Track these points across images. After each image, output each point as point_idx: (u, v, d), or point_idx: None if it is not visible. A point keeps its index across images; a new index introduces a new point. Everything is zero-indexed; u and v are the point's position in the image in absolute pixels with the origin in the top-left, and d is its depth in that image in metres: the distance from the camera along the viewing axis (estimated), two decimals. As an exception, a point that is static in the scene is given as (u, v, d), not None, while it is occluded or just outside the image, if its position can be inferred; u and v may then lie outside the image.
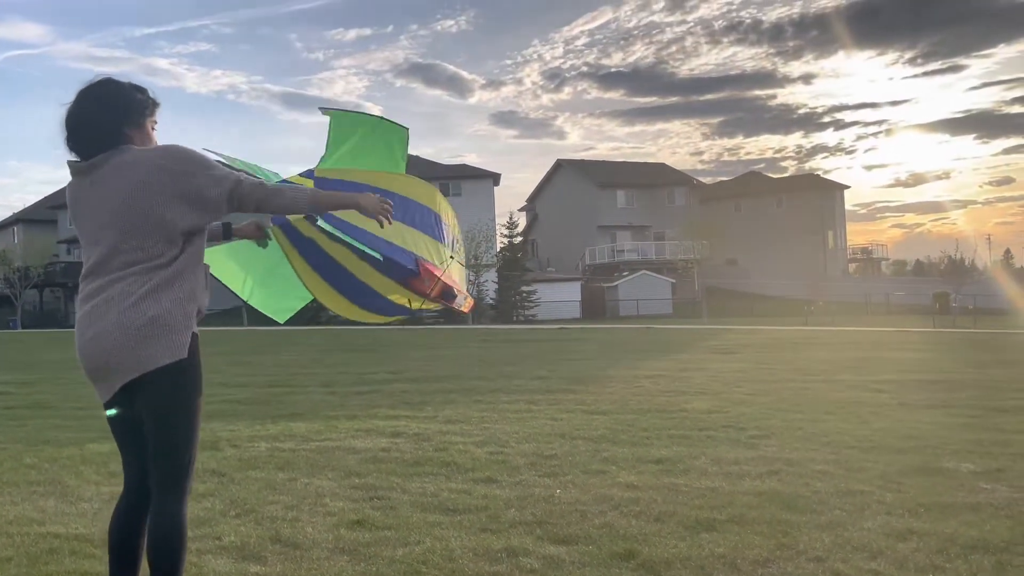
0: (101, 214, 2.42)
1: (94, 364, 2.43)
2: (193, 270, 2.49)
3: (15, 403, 9.63)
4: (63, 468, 5.57)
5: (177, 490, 2.48)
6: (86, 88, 2.53)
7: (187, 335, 2.44)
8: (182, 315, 2.43)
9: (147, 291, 2.37)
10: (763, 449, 6.00)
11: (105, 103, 2.49)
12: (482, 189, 52.54)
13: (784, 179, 67.69)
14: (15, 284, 48.93)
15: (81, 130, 2.47)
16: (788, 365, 13.52)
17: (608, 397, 9.32)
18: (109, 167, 2.42)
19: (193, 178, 2.41)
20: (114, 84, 2.56)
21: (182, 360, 2.43)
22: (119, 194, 2.39)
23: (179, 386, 2.46)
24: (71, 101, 2.52)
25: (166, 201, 2.38)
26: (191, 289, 2.46)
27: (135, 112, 2.54)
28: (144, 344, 2.36)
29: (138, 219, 2.38)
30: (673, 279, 51.29)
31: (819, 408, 8.19)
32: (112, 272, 2.41)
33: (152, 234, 2.39)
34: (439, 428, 7.17)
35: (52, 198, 62.07)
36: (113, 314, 2.37)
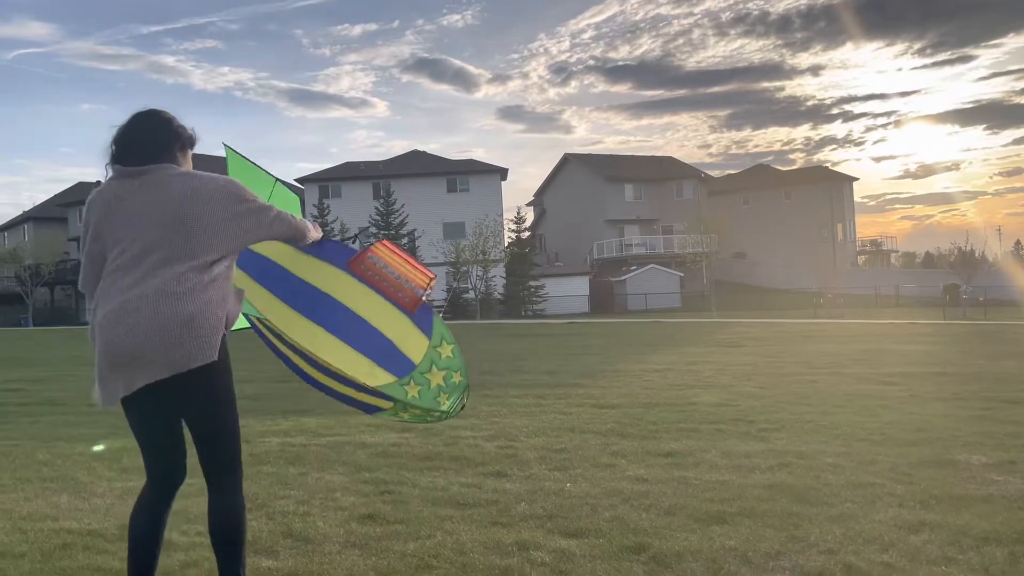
0: (148, 213, 2.53)
1: (122, 358, 2.47)
2: (227, 279, 2.64)
3: (28, 400, 9.69)
4: (76, 464, 5.60)
5: (233, 474, 2.67)
6: (141, 111, 2.72)
7: (218, 338, 2.53)
8: (215, 318, 2.52)
9: (184, 291, 2.46)
10: (773, 442, 5.99)
11: (160, 124, 2.69)
12: (489, 184, 52.49)
13: (793, 172, 67.48)
14: (26, 282, 49.19)
15: (136, 144, 2.63)
16: (797, 358, 13.48)
17: (617, 391, 9.31)
18: (163, 173, 2.58)
19: (246, 203, 2.63)
20: (167, 113, 2.76)
21: (216, 362, 2.53)
22: (176, 197, 2.54)
23: (212, 383, 2.57)
24: (124, 122, 2.70)
25: (220, 215, 2.56)
26: (223, 297, 2.58)
27: (184, 139, 2.75)
28: (179, 344, 2.44)
29: (191, 223, 2.52)
30: (681, 273, 51.18)
31: (829, 401, 8.17)
32: (149, 268, 2.49)
33: (199, 240, 2.52)
34: (449, 423, 7.16)
35: (62, 196, 62.40)
36: (148, 310, 2.43)
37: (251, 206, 2.65)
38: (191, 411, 2.61)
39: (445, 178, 51.47)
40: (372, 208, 47.26)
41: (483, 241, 46.14)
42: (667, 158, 66.26)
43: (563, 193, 63.98)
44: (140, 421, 2.68)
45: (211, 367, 2.51)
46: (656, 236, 57.23)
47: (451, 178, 51.71)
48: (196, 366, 2.47)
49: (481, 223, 46.94)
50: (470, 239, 46.76)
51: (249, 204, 2.65)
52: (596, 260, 56.58)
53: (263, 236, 2.73)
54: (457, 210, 50.77)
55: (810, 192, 60.14)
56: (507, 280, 48.46)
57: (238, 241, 2.64)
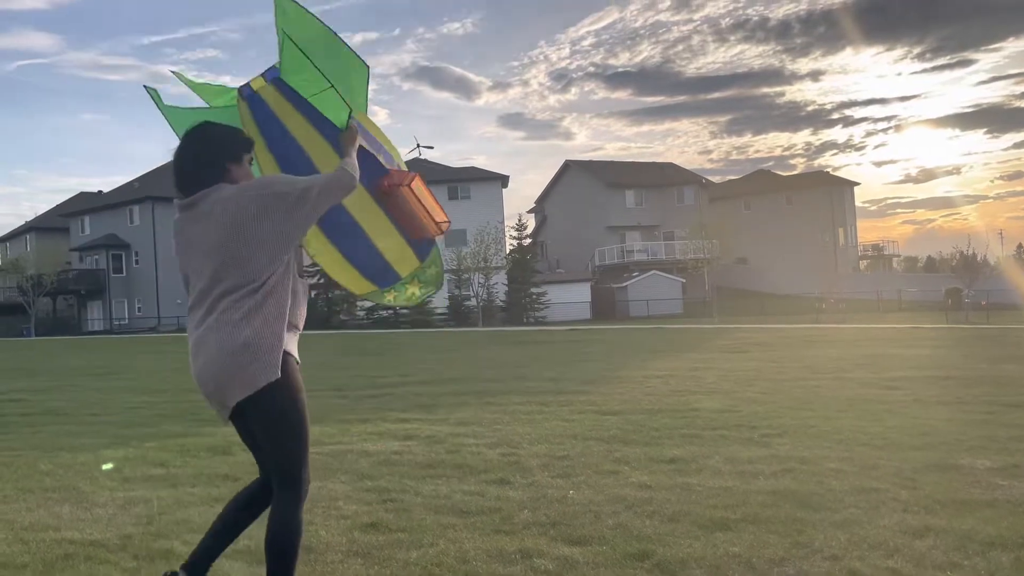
0: (203, 246, 2.66)
1: (207, 391, 2.70)
2: (282, 290, 2.68)
3: (30, 410, 9.69)
4: (78, 474, 5.59)
5: (293, 492, 2.71)
6: (189, 132, 2.79)
7: (278, 354, 2.61)
8: (272, 336, 2.61)
9: (240, 317, 2.60)
10: (776, 448, 5.97)
11: (204, 147, 2.74)
12: (490, 191, 52.58)
13: (793, 177, 67.51)
14: (28, 292, 49.24)
15: (185, 173, 2.74)
16: (800, 363, 13.46)
17: (619, 397, 9.30)
18: (208, 203, 2.66)
19: (278, 187, 2.67)
20: (214, 126, 2.80)
21: (278, 380, 2.62)
22: (220, 227, 2.62)
23: (278, 402, 2.65)
24: (181, 139, 2.79)
25: (260, 225, 2.61)
26: (280, 308, 2.65)
27: (233, 151, 2.77)
28: (242, 370, 2.58)
29: (237, 247, 2.61)
30: (683, 279, 51.16)
31: (832, 406, 8.15)
32: (213, 301, 2.65)
33: (247, 262, 2.61)
34: (451, 430, 7.17)
35: (63, 206, 62.50)
36: (214, 343, 2.62)
37: (289, 208, 2.64)
38: (259, 427, 2.72)
39: (446, 185, 51.52)
40: (373, 216, 47.21)
41: (484, 248, 46.19)
42: (668, 164, 66.36)
43: (564, 200, 64.03)
44: (241, 437, 2.92)
45: (275, 389, 2.62)
46: (657, 242, 57.24)
47: (452, 185, 51.78)
48: (261, 385, 2.60)
49: (482, 230, 46.98)
50: (472, 246, 46.79)
51: (288, 207, 2.64)
52: (598, 267, 56.58)
53: (311, 223, 2.76)
54: (458, 217, 50.65)
55: (811, 197, 60.15)
56: (509, 287, 48.47)
57: (285, 244, 2.68)
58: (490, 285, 47.14)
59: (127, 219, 53.04)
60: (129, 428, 7.90)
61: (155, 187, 52.51)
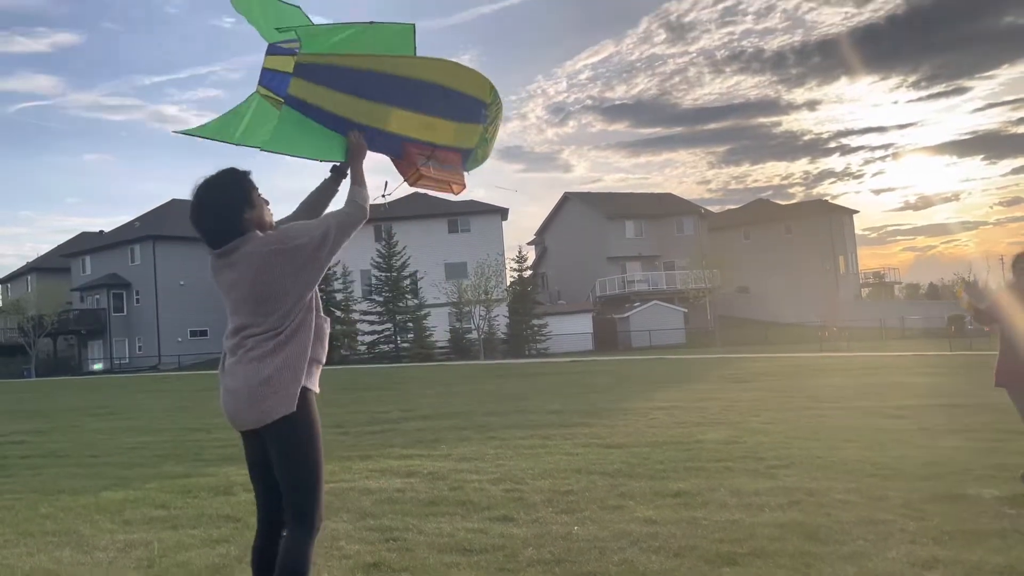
0: (236, 293, 2.83)
1: (229, 415, 2.86)
2: (305, 330, 2.82)
3: (30, 452, 9.63)
4: (78, 517, 5.55)
5: (305, 525, 2.79)
6: (199, 187, 2.85)
7: (295, 390, 2.76)
8: (292, 372, 2.76)
9: (263, 353, 2.76)
10: (782, 479, 5.92)
11: (218, 201, 2.83)
12: (490, 224, 52.73)
13: (792, 205, 67.70)
14: (29, 333, 49.21)
15: (205, 231, 2.84)
16: (804, 393, 13.40)
17: (623, 430, 9.24)
18: (238, 255, 2.81)
19: (297, 239, 2.80)
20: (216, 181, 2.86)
21: (292, 414, 2.74)
22: (247, 281, 2.79)
23: (294, 434, 2.77)
24: (192, 198, 2.85)
25: (284, 277, 2.76)
26: (302, 347, 2.80)
27: (244, 194, 2.86)
28: (261, 401, 2.74)
29: (262, 299, 2.77)
30: (685, 308, 51.11)
31: (838, 436, 8.09)
32: (243, 339, 2.82)
33: (273, 311, 2.77)
34: (453, 466, 7.12)
35: (65, 247, 62.69)
36: (240, 374, 2.79)
37: (309, 257, 2.79)
38: (275, 459, 2.81)
39: (446, 219, 51.72)
40: (374, 250, 47.40)
41: (485, 281, 46.22)
42: (667, 194, 66.60)
43: (564, 231, 64.21)
44: (248, 466, 2.96)
45: (291, 422, 2.74)
46: (658, 272, 57.30)
47: (452, 219, 51.96)
48: (277, 418, 2.73)
49: (483, 263, 47.06)
50: (472, 279, 46.83)
51: (307, 256, 2.78)
52: (599, 297, 56.58)
53: (329, 260, 2.87)
54: (459, 250, 50.96)
55: (811, 226, 60.29)
56: (510, 319, 48.40)
57: (308, 289, 2.82)
58: (491, 318, 47.09)
59: (128, 258, 53.20)
60: (130, 469, 7.85)
61: (156, 226, 52.76)
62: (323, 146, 3.09)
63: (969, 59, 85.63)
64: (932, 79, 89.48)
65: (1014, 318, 5.37)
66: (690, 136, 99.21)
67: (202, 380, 28.60)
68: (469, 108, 3.26)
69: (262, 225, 2.87)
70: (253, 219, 2.84)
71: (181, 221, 53.38)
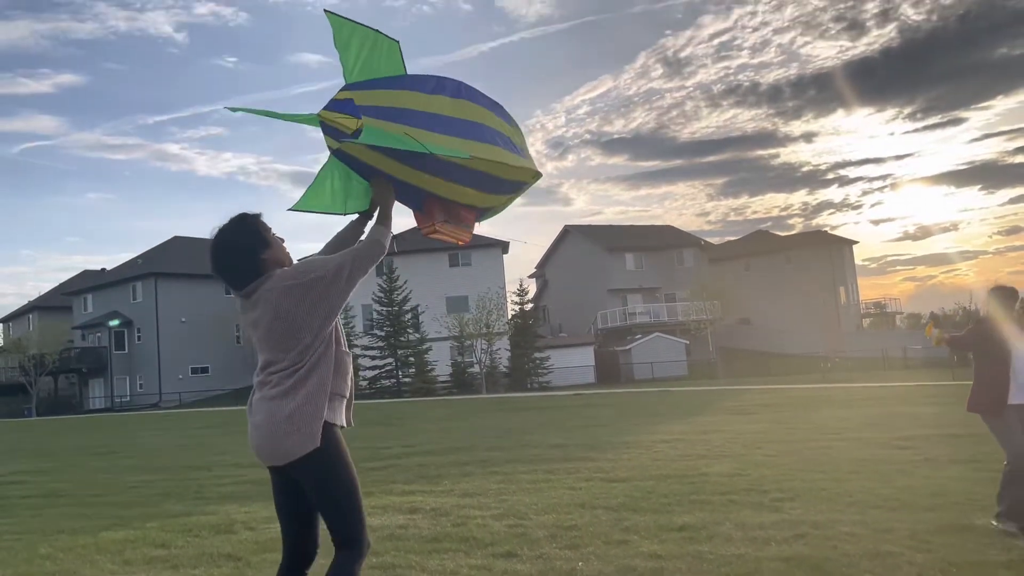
0: (259, 330, 2.90)
1: (255, 450, 2.90)
2: (325, 365, 2.86)
3: (31, 492, 9.58)
4: (78, 558, 5.50)
5: (354, 549, 2.84)
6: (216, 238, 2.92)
7: (318, 426, 2.80)
8: (313, 408, 2.80)
9: (284, 390, 2.81)
10: (787, 512, 5.88)
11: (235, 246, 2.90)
12: (491, 258, 52.85)
13: (792, 236, 67.91)
14: (30, 372, 49.12)
15: (229, 273, 2.91)
16: (808, 424, 13.33)
17: (627, 463, 9.19)
18: (258, 293, 2.88)
19: (313, 273, 2.86)
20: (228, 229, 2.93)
21: (317, 449, 2.79)
22: (267, 317, 2.85)
23: (321, 468, 2.82)
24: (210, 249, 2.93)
25: (301, 311, 2.81)
26: (322, 382, 2.84)
27: (259, 237, 2.93)
28: (284, 438, 2.78)
29: (282, 334, 2.83)
30: (686, 340, 51.04)
31: (842, 467, 8.04)
32: (267, 375, 2.88)
33: (293, 346, 2.82)
34: (456, 502, 7.08)
35: (66, 285, 62.86)
36: (264, 410, 2.84)
37: (325, 291, 2.83)
38: (309, 492, 2.85)
39: (447, 253, 51.83)
40: (375, 285, 47.48)
41: (486, 314, 46.20)
42: (666, 227, 66.87)
43: (565, 264, 64.35)
44: (274, 496, 3.01)
45: (316, 458, 2.78)
46: (659, 304, 57.29)
47: (453, 253, 52.07)
48: (301, 455, 2.77)
49: (484, 296, 47.09)
50: (473, 313, 46.82)
51: (323, 290, 2.83)
52: (600, 330, 56.52)
53: (347, 294, 2.91)
54: (460, 284, 51.03)
55: (810, 256, 60.42)
56: (512, 353, 48.31)
57: (327, 323, 2.87)
58: (493, 351, 47.00)
59: (130, 296, 53.29)
60: (130, 508, 7.80)
61: (157, 263, 52.93)
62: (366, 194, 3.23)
63: (964, 90, 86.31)
64: (928, 110, 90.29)
65: (986, 347, 5.41)
66: (689, 169, 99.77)
67: (203, 418, 28.50)
68: (507, 185, 3.31)
69: (280, 262, 2.94)
70: (271, 259, 2.91)
71: (183, 258, 53.75)
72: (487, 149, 3.07)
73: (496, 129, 3.17)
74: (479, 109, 3.16)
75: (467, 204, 3.33)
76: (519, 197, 3.53)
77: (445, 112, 3.08)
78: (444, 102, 3.10)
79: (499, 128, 3.19)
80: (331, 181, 3.18)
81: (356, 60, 3.14)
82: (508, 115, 3.31)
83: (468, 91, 3.18)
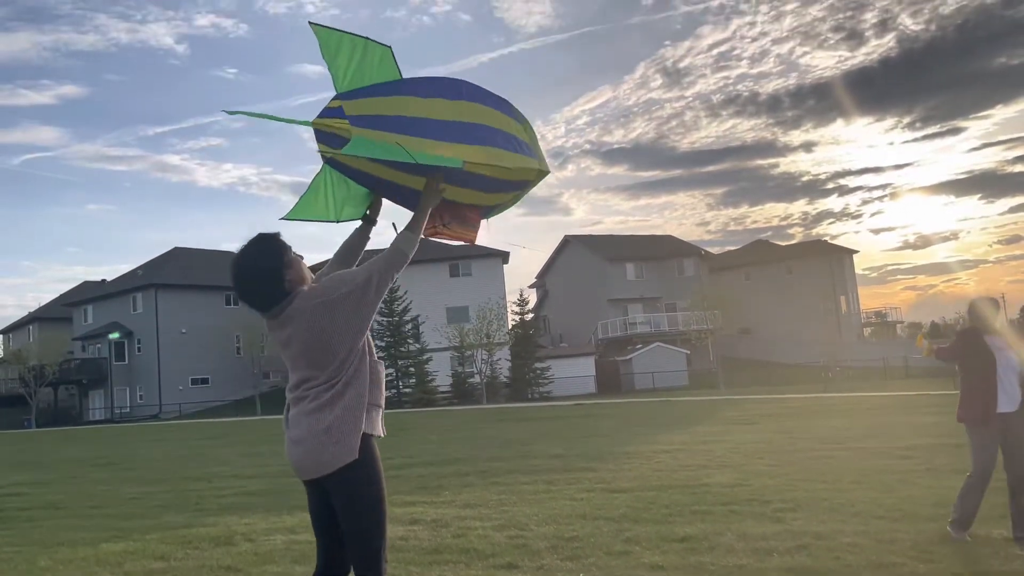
0: (291, 350, 2.91)
1: (293, 464, 2.91)
2: (360, 378, 2.88)
3: (30, 504, 9.54)
4: (77, 570, 5.48)
5: (372, 572, 2.83)
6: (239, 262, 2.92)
7: (356, 438, 2.82)
8: (352, 420, 2.83)
9: (323, 404, 2.83)
10: (789, 523, 5.85)
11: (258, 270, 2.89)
12: (491, 268, 52.86)
13: (792, 246, 67.92)
14: (30, 383, 49.05)
15: (253, 297, 2.91)
16: (810, 434, 13.30)
17: (628, 474, 9.16)
18: (287, 313, 2.88)
19: (341, 289, 2.87)
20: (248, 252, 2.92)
21: (355, 460, 2.80)
22: (299, 337, 2.87)
23: (357, 482, 2.83)
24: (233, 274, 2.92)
25: (333, 328, 2.83)
26: (359, 394, 2.87)
27: (281, 258, 2.91)
28: (322, 450, 2.80)
29: (316, 352, 2.84)
30: (687, 350, 50.96)
31: (845, 477, 8.01)
32: (304, 391, 2.90)
33: (329, 362, 2.84)
34: (457, 513, 7.05)
35: (66, 296, 62.85)
36: (303, 424, 2.85)
37: (355, 305, 2.84)
38: (338, 506, 2.86)
39: (447, 263, 51.85)
40: (376, 296, 47.35)
41: (487, 325, 46.16)
42: (666, 236, 66.88)
43: (565, 274, 64.35)
44: (310, 514, 3.01)
45: (353, 470, 2.79)
46: (660, 314, 57.24)
47: (453, 263, 52.11)
48: (338, 467, 2.79)
49: (484, 307, 47.06)
50: (474, 323, 46.79)
51: (353, 304, 2.84)
52: (601, 340, 56.47)
53: (376, 305, 2.92)
54: (460, 295, 51.02)
55: (811, 266, 60.42)
56: (512, 363, 48.23)
57: (359, 336, 2.88)
58: (493, 361, 46.94)
59: (130, 307, 53.26)
60: (130, 520, 7.77)
61: (158, 274, 52.92)
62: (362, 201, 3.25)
63: (963, 100, 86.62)
64: (927, 120, 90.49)
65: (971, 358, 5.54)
66: (688, 178, 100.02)
67: (203, 429, 28.46)
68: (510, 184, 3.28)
69: (303, 280, 2.94)
70: (294, 279, 2.92)
71: (183, 269, 53.79)
72: (484, 152, 3.04)
73: (499, 128, 3.13)
74: (481, 109, 3.12)
75: (470, 204, 3.32)
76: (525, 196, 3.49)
77: (443, 116, 3.05)
78: (442, 105, 3.08)
79: (503, 127, 3.15)
80: (325, 189, 3.17)
81: (346, 69, 3.12)
82: (516, 112, 3.26)
83: (470, 90, 3.14)
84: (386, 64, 3.15)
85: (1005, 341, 5.50)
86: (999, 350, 5.41)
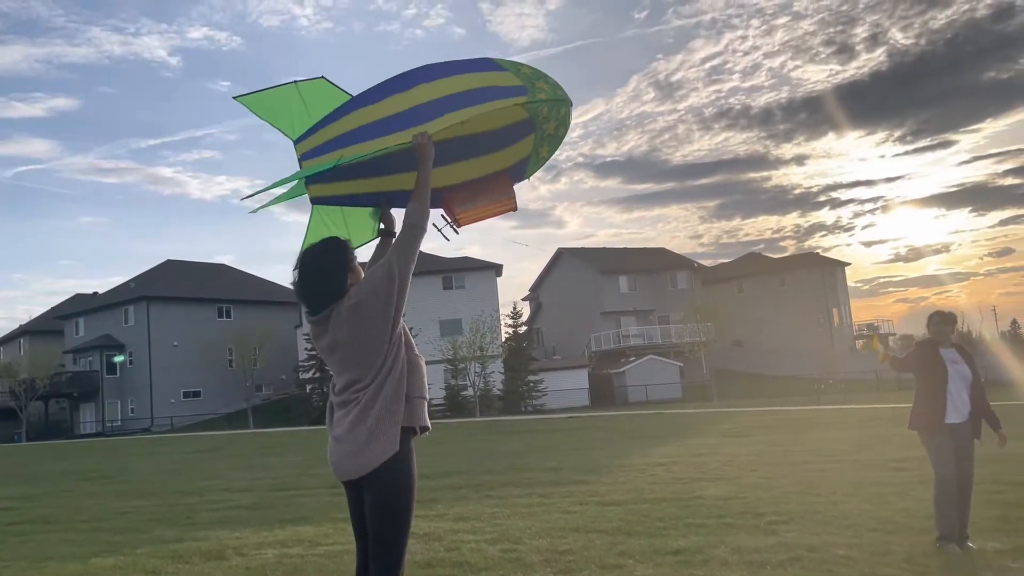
0: (336, 354, 3.00)
1: (333, 464, 2.96)
2: (398, 371, 2.94)
3: (18, 518, 9.46)
4: (66, 585, 5.42)
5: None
6: (304, 263, 3.03)
7: (396, 429, 2.87)
8: (391, 415, 2.88)
9: (365, 404, 2.89)
10: (783, 535, 5.84)
11: (327, 268, 3.01)
12: (485, 280, 52.86)
13: (784, 259, 68.13)
14: (20, 396, 48.73)
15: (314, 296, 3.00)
16: (803, 446, 13.30)
17: (621, 486, 9.14)
18: (330, 321, 2.98)
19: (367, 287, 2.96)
20: (322, 250, 3.04)
21: (392, 458, 2.84)
22: (342, 340, 2.96)
23: (392, 480, 2.86)
24: (299, 267, 3.03)
25: (369, 325, 2.91)
26: (398, 389, 2.92)
27: (347, 262, 3.05)
28: (364, 447, 2.85)
29: (358, 351, 2.93)
30: (680, 363, 50.99)
31: (838, 490, 8.01)
32: (349, 394, 2.96)
33: (368, 359, 2.91)
34: (450, 526, 7.02)
35: (58, 309, 62.52)
36: (346, 424, 2.92)
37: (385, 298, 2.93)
38: (370, 504, 2.89)
39: (440, 276, 51.79)
40: (369, 309, 47.30)
41: (480, 337, 46.08)
42: (659, 249, 67.02)
43: (558, 287, 64.39)
44: (352, 519, 3.06)
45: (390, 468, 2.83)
46: (653, 326, 57.28)
47: (446, 276, 52.06)
48: (377, 465, 2.83)
49: (478, 319, 47.01)
50: (467, 336, 46.72)
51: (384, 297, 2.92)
52: (594, 352, 56.44)
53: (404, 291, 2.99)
54: (453, 307, 50.96)
55: (803, 278, 60.60)
56: (506, 376, 48.17)
57: (394, 327, 2.96)
58: (487, 374, 46.86)
59: (122, 319, 53.03)
60: (121, 534, 7.71)
61: (150, 287, 52.73)
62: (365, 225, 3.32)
63: (953, 113, 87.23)
64: (918, 133, 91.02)
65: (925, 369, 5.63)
66: (681, 191, 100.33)
67: (195, 442, 28.31)
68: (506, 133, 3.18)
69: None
70: (353, 284, 3.03)
71: (175, 282, 53.62)
72: (440, 121, 2.98)
73: (465, 91, 3.05)
74: (443, 83, 3.07)
75: (482, 175, 3.28)
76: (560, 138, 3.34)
77: (397, 109, 3.05)
78: (396, 101, 3.07)
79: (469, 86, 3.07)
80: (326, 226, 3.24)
81: (290, 119, 3.18)
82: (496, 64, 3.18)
83: (431, 72, 3.10)
84: (328, 93, 3.19)
85: (958, 354, 5.67)
86: (952, 363, 5.60)
